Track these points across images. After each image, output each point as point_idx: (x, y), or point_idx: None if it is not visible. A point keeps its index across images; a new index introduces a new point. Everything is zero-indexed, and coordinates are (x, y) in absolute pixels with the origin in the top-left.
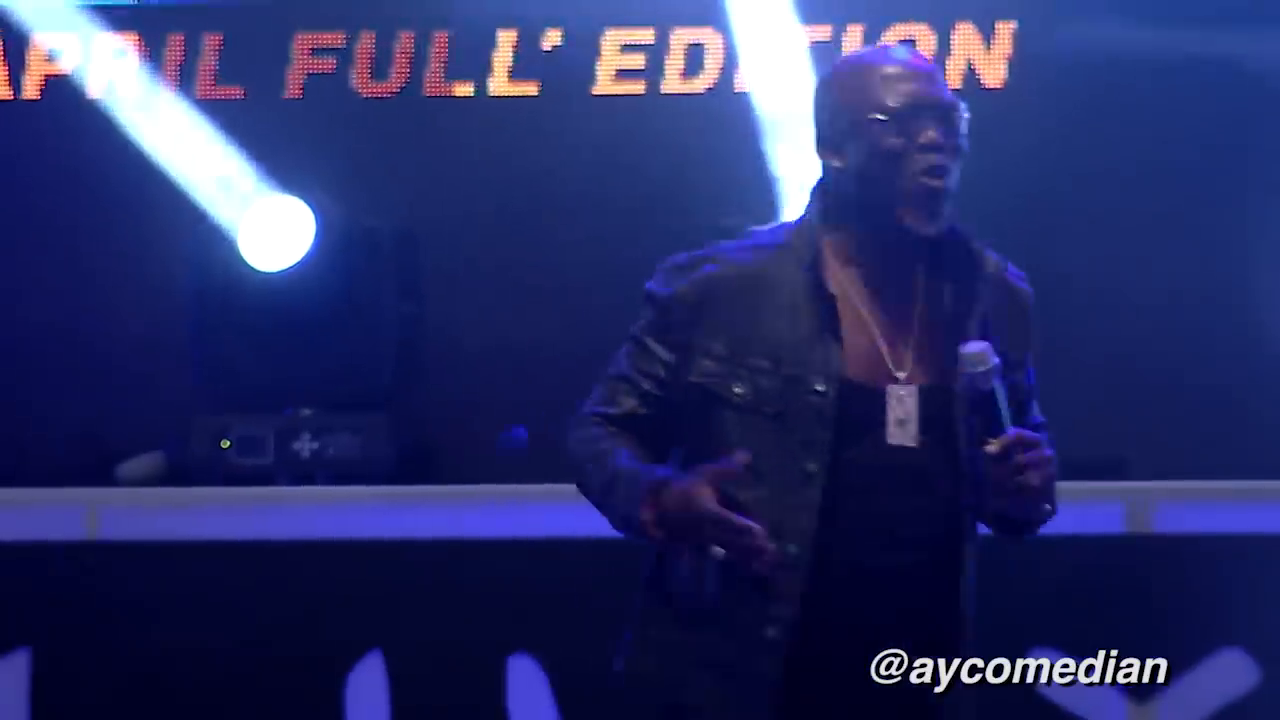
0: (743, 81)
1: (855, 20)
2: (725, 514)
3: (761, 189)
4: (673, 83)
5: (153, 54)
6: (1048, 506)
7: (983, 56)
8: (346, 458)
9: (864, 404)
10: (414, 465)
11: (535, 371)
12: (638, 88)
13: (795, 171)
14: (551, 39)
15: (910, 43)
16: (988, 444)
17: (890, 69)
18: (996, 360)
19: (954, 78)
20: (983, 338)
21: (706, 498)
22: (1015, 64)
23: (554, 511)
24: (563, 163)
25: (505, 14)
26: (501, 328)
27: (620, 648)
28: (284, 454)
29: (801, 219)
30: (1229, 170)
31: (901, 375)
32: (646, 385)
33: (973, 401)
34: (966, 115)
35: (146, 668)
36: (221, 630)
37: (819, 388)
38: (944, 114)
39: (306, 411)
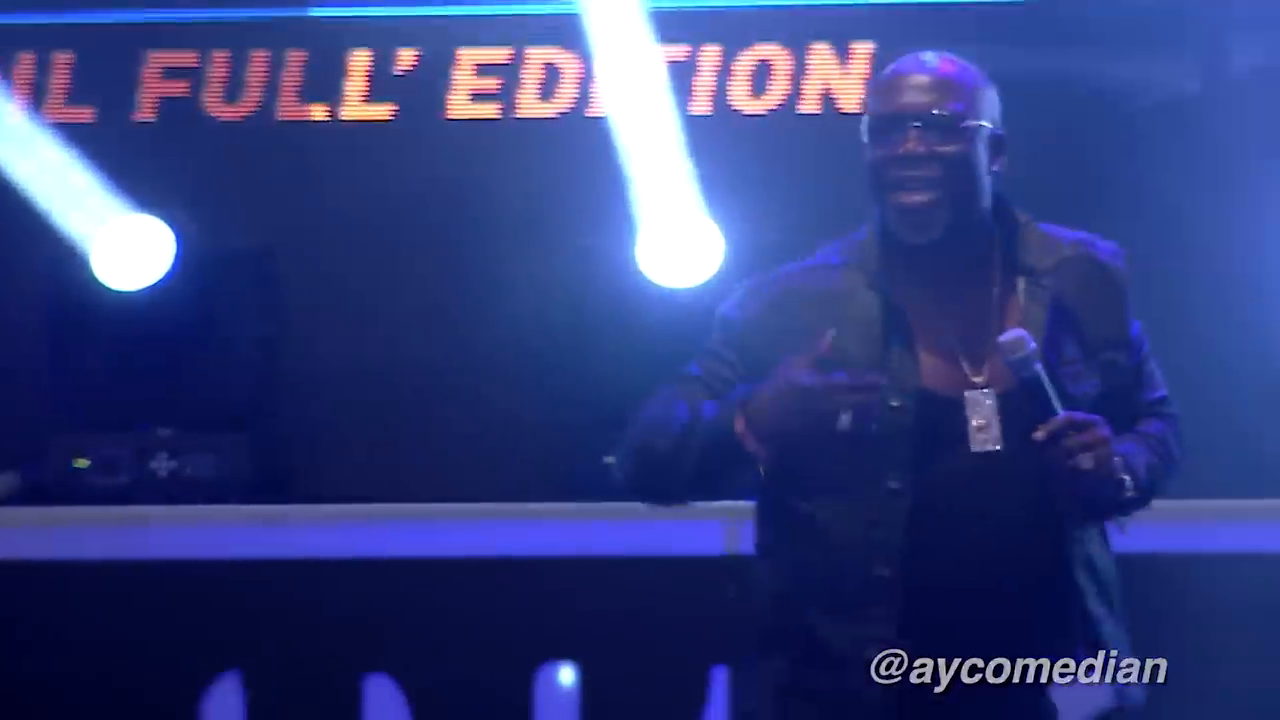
0: (599, 103)
1: (712, 41)
2: (829, 378)
3: (618, 209)
4: (528, 105)
5: (3, 72)
6: (1129, 487)
7: (839, 78)
8: (205, 477)
9: (943, 413)
10: (273, 485)
11: (394, 391)
12: (493, 110)
13: (652, 191)
14: (405, 61)
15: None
16: (1036, 431)
17: (891, 79)
18: (1033, 345)
19: (811, 100)
20: (1064, 325)
21: (803, 371)
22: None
23: (413, 531)
24: (419, 184)
25: (359, 36)
26: (360, 348)
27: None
28: (142, 473)
29: (866, 231)
30: (1086, 189)
31: (978, 380)
32: (719, 388)
33: (1020, 390)
34: (972, 124)
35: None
36: (78, 650)
37: (894, 402)
38: (929, 123)
39: (164, 431)
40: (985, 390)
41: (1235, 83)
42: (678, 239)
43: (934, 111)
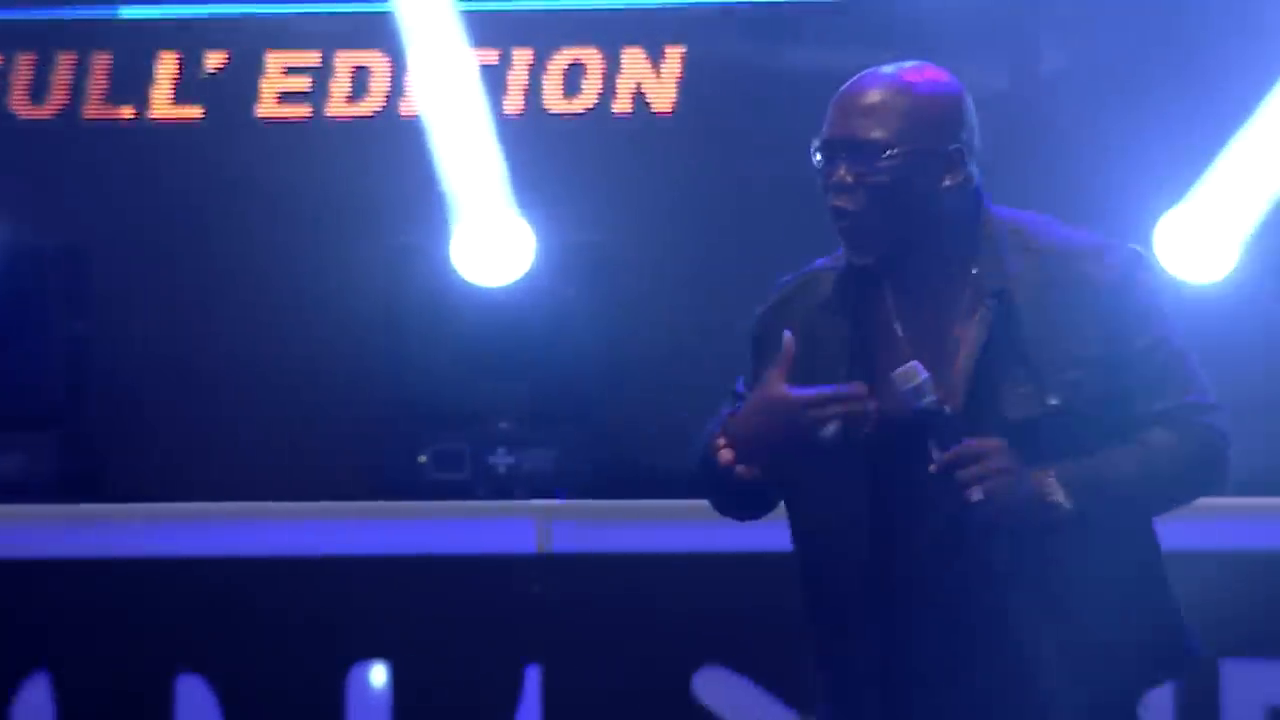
0: (411, 103)
1: (524, 44)
2: (807, 392)
3: (432, 209)
4: (339, 105)
5: None
6: (1061, 506)
7: (653, 81)
8: (13, 477)
9: (905, 435)
10: (82, 483)
11: (206, 391)
12: (303, 111)
13: (466, 191)
14: (214, 61)
15: (913, 65)
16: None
17: (834, 102)
18: (925, 376)
19: (624, 102)
20: (1014, 344)
21: (778, 387)
22: (684, 87)
23: (225, 530)
24: (229, 185)
25: (167, 36)
26: (172, 347)
27: None
28: None
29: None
30: None
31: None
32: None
33: (916, 420)
34: (899, 151)
35: None
36: None
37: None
38: (854, 152)
39: None
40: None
41: (1042, 82)
42: (491, 238)
43: (859, 139)
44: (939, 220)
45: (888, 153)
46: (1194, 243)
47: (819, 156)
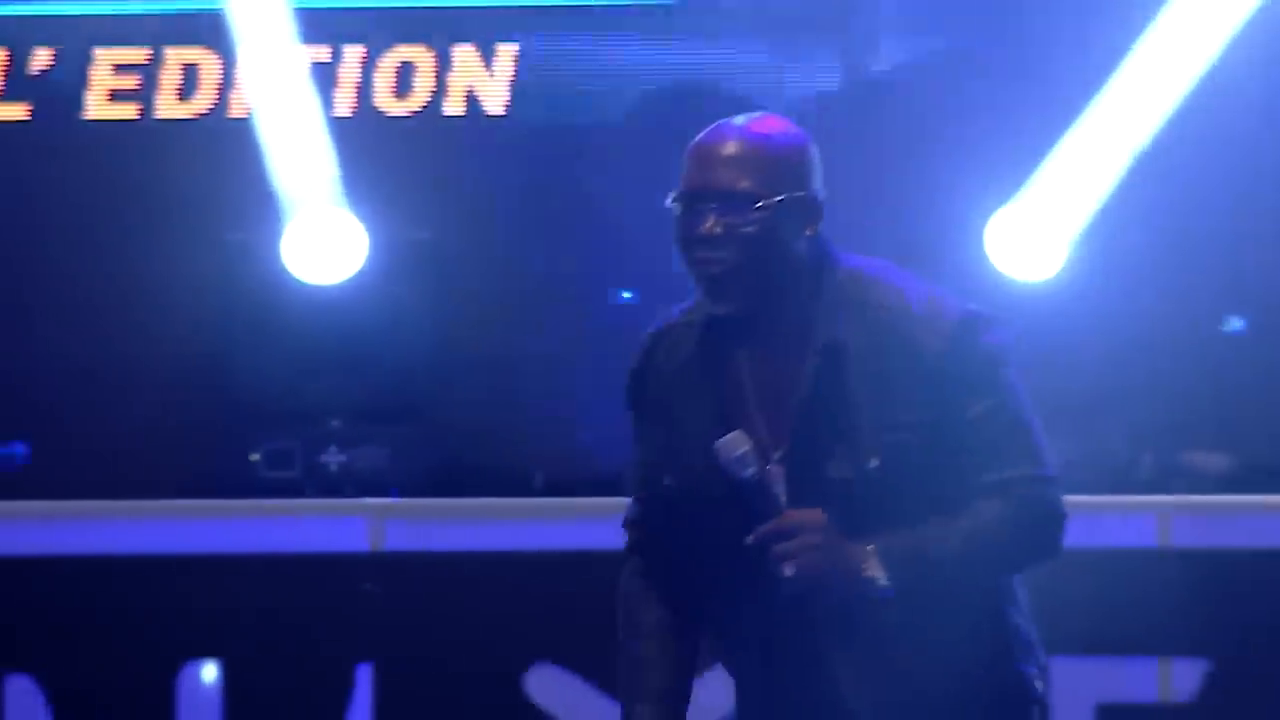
0: (242, 102)
1: (355, 41)
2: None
3: (263, 207)
4: (168, 104)
5: None
6: (877, 582)
7: (484, 81)
8: None
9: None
10: None
11: (35, 389)
12: (132, 110)
13: (297, 189)
14: (41, 60)
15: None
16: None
17: (693, 153)
18: (749, 446)
19: (457, 100)
20: (840, 402)
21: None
22: (516, 86)
23: (54, 528)
24: (57, 183)
25: None
26: (3, 344)
27: None
28: None
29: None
30: None
31: (777, 455)
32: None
33: (738, 489)
34: (768, 201)
35: None
36: None
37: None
38: (723, 202)
39: None
40: (779, 467)
41: (875, 81)
42: (323, 236)
43: (728, 189)
44: (797, 270)
45: (759, 203)
46: (1024, 240)
47: (679, 209)
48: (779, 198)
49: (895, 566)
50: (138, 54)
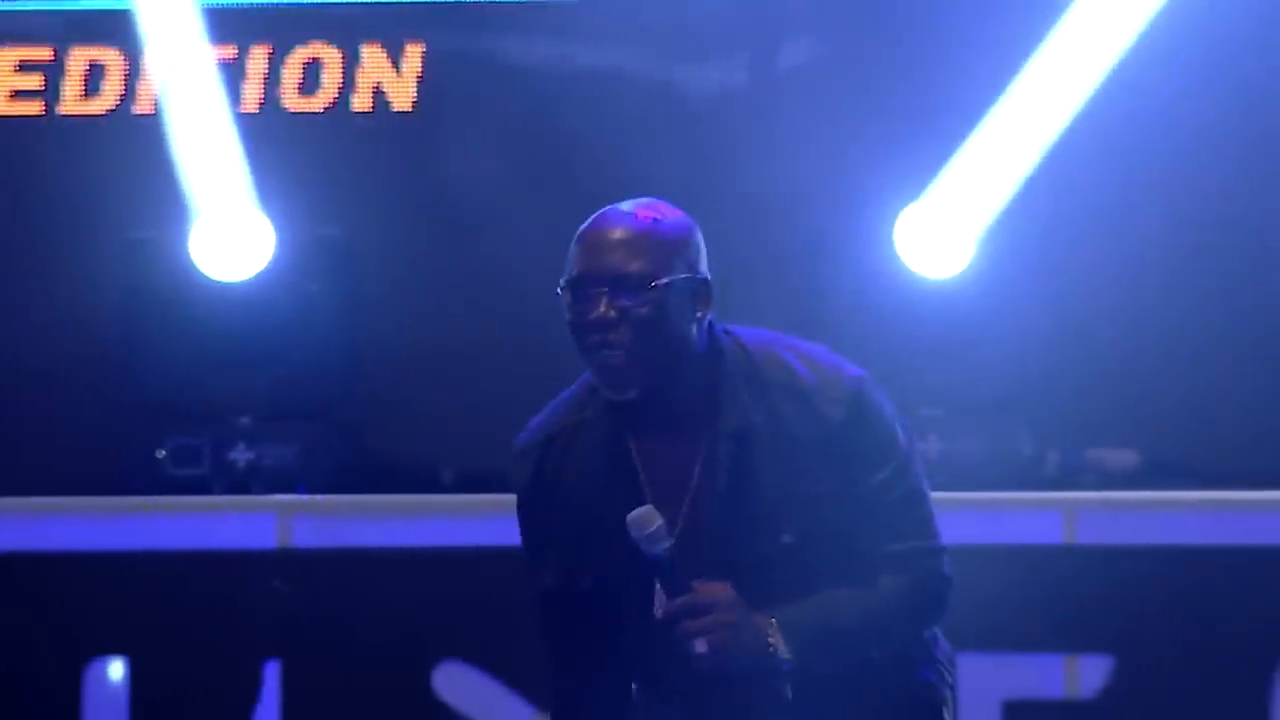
0: (147, 100)
1: (261, 40)
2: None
3: (170, 204)
4: (73, 102)
5: None
6: (780, 656)
7: (392, 79)
8: None
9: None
10: None
11: None
12: (35, 107)
13: (205, 186)
14: None
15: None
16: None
17: (582, 237)
18: (660, 522)
19: (364, 98)
20: (748, 481)
21: None
22: (424, 84)
23: None
24: None
25: None
26: None
27: None
28: None
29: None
30: (650, 179)
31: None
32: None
33: (650, 565)
34: (661, 282)
35: None
36: None
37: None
38: (616, 286)
39: None
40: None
41: (780, 78)
42: (230, 232)
43: (621, 272)
44: (691, 353)
45: (652, 284)
46: (932, 238)
47: (569, 296)
48: (668, 280)
49: (797, 640)
50: (42, 52)
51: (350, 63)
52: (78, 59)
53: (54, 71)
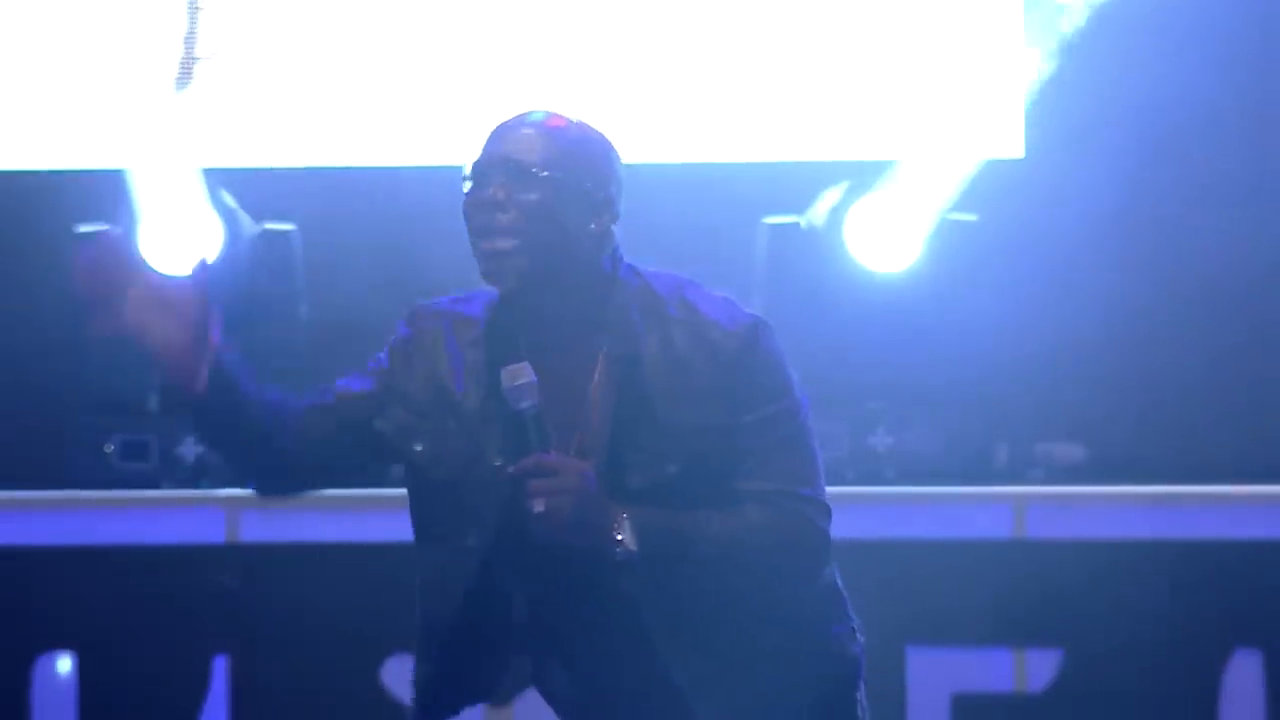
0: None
1: None
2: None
3: (119, 196)
4: None
5: None
6: (623, 545)
7: None
8: None
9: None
10: None
11: None
12: None
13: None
14: None
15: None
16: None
17: (492, 130)
18: (533, 379)
19: None
20: (639, 408)
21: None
22: None
23: None
24: None
25: None
26: None
27: None
28: None
29: None
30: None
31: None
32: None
33: (516, 419)
34: (553, 174)
35: None
36: None
37: (496, 462)
38: (510, 170)
39: None
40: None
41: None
42: (179, 226)
43: (515, 158)
44: (581, 263)
45: (543, 173)
46: (881, 231)
47: (469, 184)
48: (561, 175)
49: (646, 536)
50: None
51: None
52: None
53: None
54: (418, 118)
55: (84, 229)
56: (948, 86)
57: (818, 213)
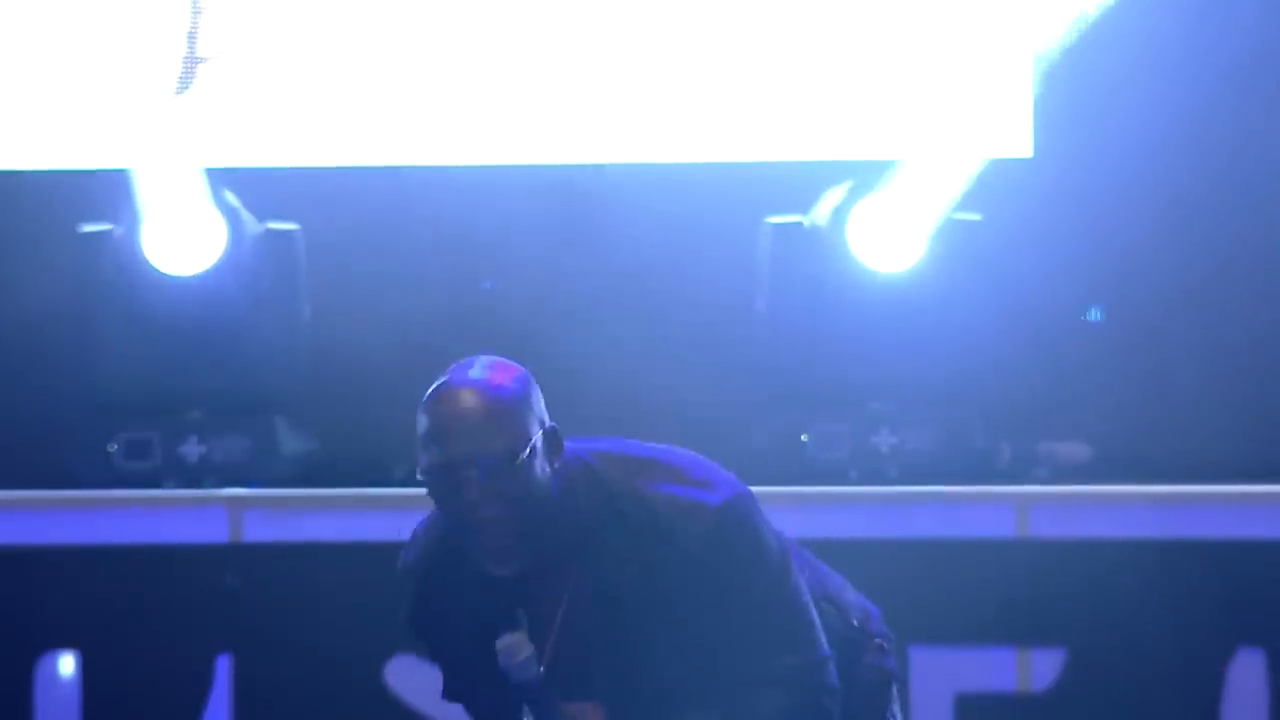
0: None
1: None
2: None
3: (121, 196)
4: None
5: None
6: None
7: None
8: None
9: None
10: None
11: None
12: None
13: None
14: None
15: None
16: None
17: (435, 419)
18: (530, 651)
19: None
20: (616, 622)
21: None
22: None
23: None
24: None
25: None
26: None
27: None
28: None
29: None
30: None
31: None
32: None
33: (519, 691)
34: (523, 455)
35: None
36: None
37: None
38: (484, 467)
39: None
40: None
41: None
42: (183, 225)
43: (487, 455)
44: (551, 506)
45: (517, 460)
46: (884, 230)
47: (436, 482)
48: (527, 448)
49: None
50: None
51: None
52: None
53: None
54: (419, 118)
55: (87, 228)
56: (955, 86)
57: (821, 212)
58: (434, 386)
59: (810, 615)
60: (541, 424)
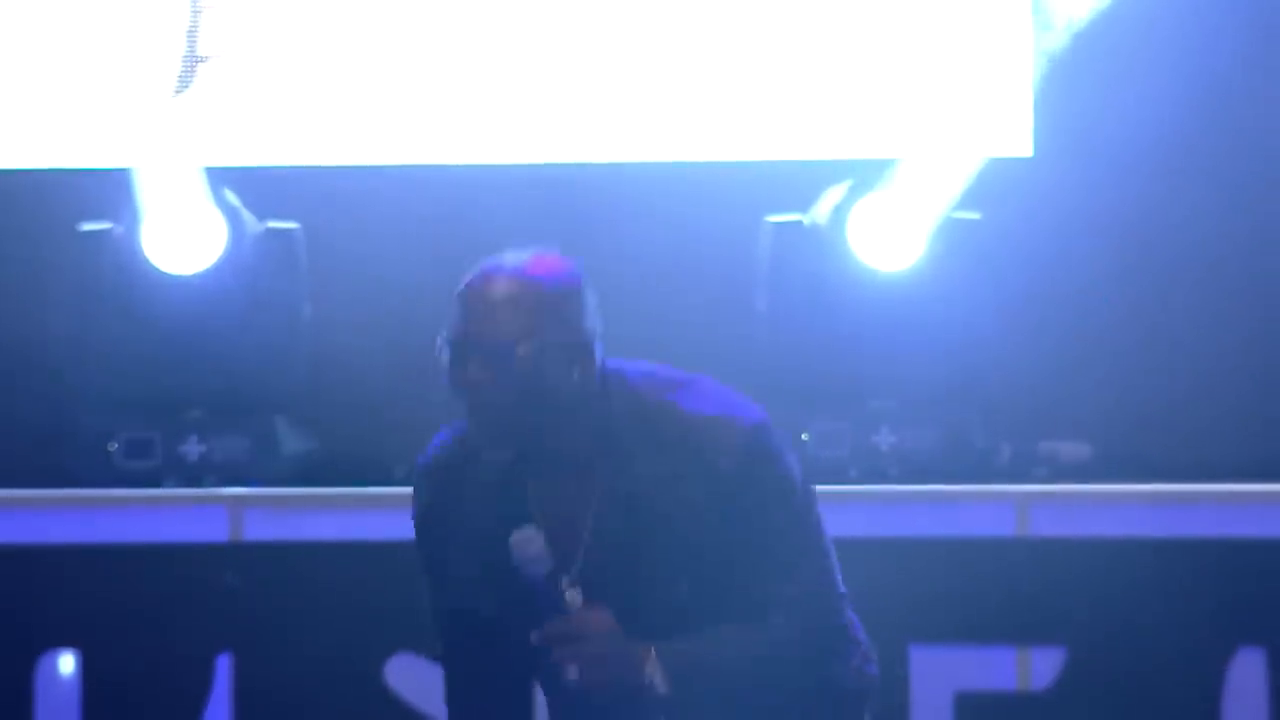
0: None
1: None
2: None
3: (121, 195)
4: None
5: None
6: (655, 686)
7: None
8: None
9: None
10: None
11: None
12: None
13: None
14: None
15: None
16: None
17: (459, 300)
18: (542, 546)
19: None
20: (644, 531)
21: None
22: None
23: None
24: None
25: None
26: None
27: None
28: None
29: None
30: None
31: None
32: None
33: (529, 587)
34: (530, 347)
35: None
36: None
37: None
38: (486, 352)
39: None
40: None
41: None
42: (183, 224)
43: (490, 339)
44: (570, 407)
45: (520, 350)
46: (885, 229)
47: (445, 355)
48: (538, 344)
49: (675, 672)
50: None
51: None
52: None
53: None
54: (420, 117)
55: (87, 227)
56: (954, 84)
57: (821, 211)
58: (485, 261)
59: (829, 551)
60: (571, 331)
